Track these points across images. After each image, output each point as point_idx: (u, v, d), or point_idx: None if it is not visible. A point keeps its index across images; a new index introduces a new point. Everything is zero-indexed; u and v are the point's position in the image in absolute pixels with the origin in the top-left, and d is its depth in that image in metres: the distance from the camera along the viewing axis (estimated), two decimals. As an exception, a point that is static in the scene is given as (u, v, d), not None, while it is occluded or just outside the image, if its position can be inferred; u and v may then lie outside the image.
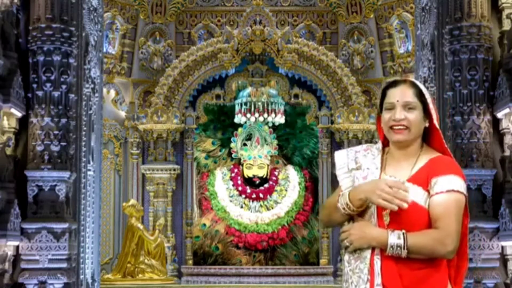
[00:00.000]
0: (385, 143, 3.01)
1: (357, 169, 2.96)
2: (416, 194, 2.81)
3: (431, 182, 2.82)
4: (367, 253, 2.83)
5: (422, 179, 2.83)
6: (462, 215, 2.83)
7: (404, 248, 2.75)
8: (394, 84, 2.94)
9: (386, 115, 2.92)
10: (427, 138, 2.95)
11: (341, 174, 3.00)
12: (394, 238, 2.76)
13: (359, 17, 14.08)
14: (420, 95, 2.89)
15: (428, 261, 2.78)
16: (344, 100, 13.41)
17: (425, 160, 2.87)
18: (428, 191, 2.82)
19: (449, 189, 2.79)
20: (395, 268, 2.78)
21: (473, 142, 8.21)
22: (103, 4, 10.05)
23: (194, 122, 13.79)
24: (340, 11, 14.14)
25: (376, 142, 3.09)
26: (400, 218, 2.79)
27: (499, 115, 8.27)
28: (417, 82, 2.96)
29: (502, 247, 8.16)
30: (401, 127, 2.87)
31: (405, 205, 2.74)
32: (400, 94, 2.89)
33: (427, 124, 2.91)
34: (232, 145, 14.07)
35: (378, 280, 2.80)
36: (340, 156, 3.03)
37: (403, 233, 2.76)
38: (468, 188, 2.83)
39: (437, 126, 2.92)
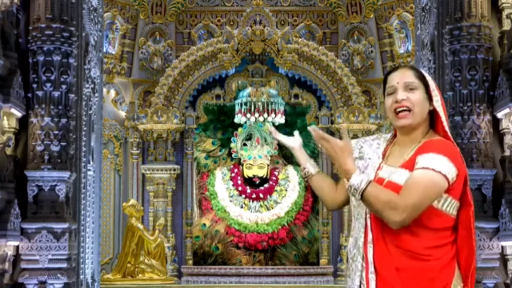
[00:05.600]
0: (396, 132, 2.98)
1: (360, 158, 2.94)
2: (401, 178, 2.77)
3: (416, 161, 2.77)
4: (361, 242, 2.83)
5: (412, 162, 2.78)
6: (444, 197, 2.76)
7: (359, 193, 2.71)
8: (394, 69, 2.92)
9: (388, 100, 2.88)
10: (434, 124, 2.90)
11: None
12: (357, 179, 2.72)
13: (359, 17, 14.08)
14: (421, 77, 2.86)
15: (430, 254, 2.74)
16: (344, 100, 13.41)
17: (422, 144, 2.83)
18: None
19: (425, 166, 2.72)
20: (389, 256, 2.76)
21: (473, 142, 8.21)
22: (103, 4, 10.05)
23: (194, 122, 13.79)
24: (340, 11, 14.14)
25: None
26: None
27: (499, 115, 8.27)
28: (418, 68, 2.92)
29: (502, 247, 8.16)
30: (404, 108, 2.83)
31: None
32: (400, 76, 2.86)
33: (431, 107, 2.86)
34: (232, 145, 14.06)
35: (371, 267, 2.78)
36: None
37: (368, 180, 2.71)
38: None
39: (439, 108, 2.87)
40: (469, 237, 2.81)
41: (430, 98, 2.86)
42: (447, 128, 2.87)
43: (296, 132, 3.13)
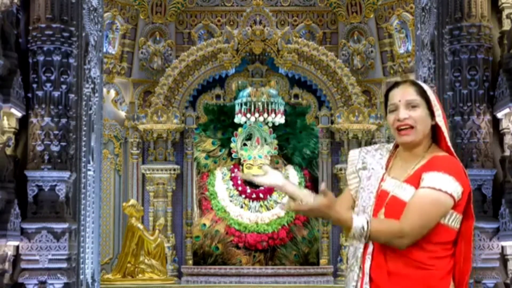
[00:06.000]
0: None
1: (363, 168, 2.96)
2: (406, 193, 2.79)
3: (421, 178, 2.78)
4: (359, 252, 2.84)
5: (417, 178, 2.80)
6: (449, 215, 2.77)
7: (365, 237, 2.70)
8: (395, 85, 2.93)
9: (390, 117, 2.88)
10: (436, 138, 2.91)
11: (349, 174, 3.01)
12: (358, 224, 2.69)
13: (359, 17, 14.07)
14: (422, 93, 2.86)
15: (433, 264, 2.76)
16: (344, 100, 13.40)
17: (427, 160, 2.84)
18: None
19: (430, 186, 2.73)
20: (386, 268, 2.77)
21: (473, 142, 8.21)
22: (103, 4, 10.05)
23: (194, 122, 13.79)
24: (340, 11, 14.13)
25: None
26: (394, 218, 2.77)
27: (499, 115, 8.27)
28: (419, 81, 2.93)
29: (502, 247, 8.16)
30: (407, 126, 2.84)
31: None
32: (402, 94, 2.86)
33: (433, 122, 2.87)
34: (232, 145, 14.07)
35: (366, 278, 2.80)
36: (352, 156, 3.03)
37: (367, 221, 2.70)
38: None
39: (441, 123, 2.87)
40: (467, 249, 2.85)
41: (431, 113, 2.87)
42: (449, 143, 2.88)
43: (267, 168, 2.90)
